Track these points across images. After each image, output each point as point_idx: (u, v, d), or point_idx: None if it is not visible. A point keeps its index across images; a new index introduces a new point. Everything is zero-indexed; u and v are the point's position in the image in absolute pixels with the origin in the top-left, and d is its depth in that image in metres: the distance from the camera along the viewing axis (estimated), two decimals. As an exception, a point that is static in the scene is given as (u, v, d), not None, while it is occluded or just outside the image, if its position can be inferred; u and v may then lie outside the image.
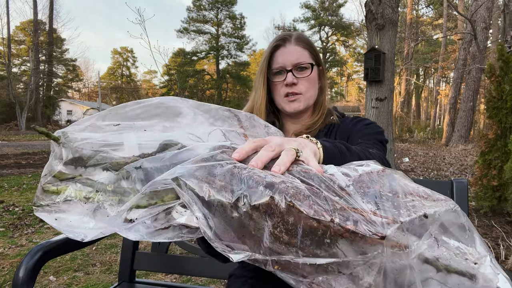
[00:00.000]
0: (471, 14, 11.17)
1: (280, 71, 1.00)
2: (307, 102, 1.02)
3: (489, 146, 3.90)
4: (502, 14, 11.32)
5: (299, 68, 0.99)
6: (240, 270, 1.00)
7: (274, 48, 1.00)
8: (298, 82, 0.99)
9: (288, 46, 1.00)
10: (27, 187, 5.69)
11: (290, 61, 0.98)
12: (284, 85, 1.00)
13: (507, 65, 3.77)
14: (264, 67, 1.02)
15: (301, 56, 0.99)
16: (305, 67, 1.00)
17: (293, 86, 0.99)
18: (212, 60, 52.39)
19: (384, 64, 4.74)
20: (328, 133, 1.04)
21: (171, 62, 43.12)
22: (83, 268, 2.68)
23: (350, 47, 46.75)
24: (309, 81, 1.00)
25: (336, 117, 1.07)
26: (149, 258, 1.40)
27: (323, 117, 1.05)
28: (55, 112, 37.16)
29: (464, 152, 11.44)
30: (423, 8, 29.46)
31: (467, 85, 13.59)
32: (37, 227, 3.66)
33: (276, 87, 1.02)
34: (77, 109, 47.43)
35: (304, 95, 1.01)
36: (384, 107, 4.83)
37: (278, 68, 1.00)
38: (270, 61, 1.01)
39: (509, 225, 3.66)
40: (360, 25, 18.34)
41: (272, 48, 1.00)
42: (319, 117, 1.05)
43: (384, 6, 4.64)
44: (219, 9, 48.96)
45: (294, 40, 1.00)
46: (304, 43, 1.01)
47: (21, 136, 20.98)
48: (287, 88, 1.00)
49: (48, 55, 36.18)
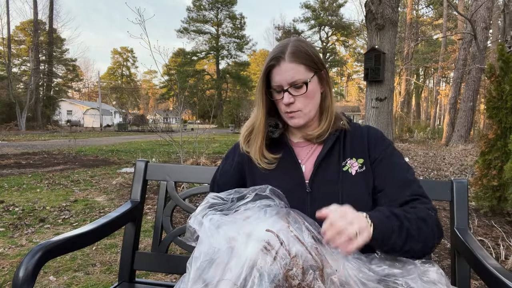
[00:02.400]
0: (471, 14, 11.17)
1: (278, 90, 1.02)
2: (307, 117, 1.04)
3: (489, 146, 3.90)
4: (502, 14, 11.32)
5: (295, 86, 0.99)
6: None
7: (268, 68, 1.01)
8: (296, 100, 1.00)
9: (283, 65, 0.99)
10: (27, 187, 5.69)
11: (285, 80, 0.99)
12: (283, 103, 1.02)
13: (507, 65, 3.77)
14: (261, 85, 1.03)
15: (295, 74, 0.98)
16: (300, 85, 0.99)
17: (291, 105, 1.01)
18: (212, 60, 52.38)
19: (384, 64, 4.74)
20: (340, 137, 1.06)
21: (171, 62, 43.11)
22: (83, 268, 2.68)
23: (350, 47, 46.74)
24: (307, 97, 1.01)
25: (346, 123, 1.08)
26: (149, 258, 1.40)
27: (331, 123, 1.06)
28: (55, 112, 37.13)
29: (464, 152, 11.44)
30: (423, 8, 29.50)
31: (467, 85, 13.59)
32: (37, 227, 3.66)
33: (277, 103, 1.05)
34: (77, 109, 47.40)
35: (303, 111, 1.02)
36: (384, 107, 4.83)
37: (276, 87, 1.01)
38: (268, 79, 1.02)
39: (509, 225, 3.66)
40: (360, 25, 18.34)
41: (267, 68, 1.01)
42: (327, 123, 1.06)
43: (384, 6, 4.64)
44: (219, 9, 48.96)
45: (288, 57, 0.98)
46: (298, 57, 0.99)
47: (21, 136, 20.98)
48: (286, 107, 1.02)
49: (48, 55, 36.16)
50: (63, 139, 17.01)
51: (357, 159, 1.03)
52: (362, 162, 1.02)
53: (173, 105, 43.57)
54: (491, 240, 3.21)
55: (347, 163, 1.02)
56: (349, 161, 1.03)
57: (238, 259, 0.72)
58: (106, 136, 22.70)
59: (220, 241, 0.77)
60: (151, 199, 4.83)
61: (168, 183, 1.47)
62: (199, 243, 0.81)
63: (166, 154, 10.78)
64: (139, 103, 66.71)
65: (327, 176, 1.02)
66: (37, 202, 4.71)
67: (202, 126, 15.41)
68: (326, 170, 1.02)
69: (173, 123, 35.23)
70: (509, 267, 2.62)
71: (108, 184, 6.05)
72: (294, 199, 0.98)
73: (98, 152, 11.58)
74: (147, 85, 71.95)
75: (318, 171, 1.02)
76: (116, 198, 5.02)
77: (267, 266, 0.71)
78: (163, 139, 6.32)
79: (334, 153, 1.04)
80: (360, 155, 1.04)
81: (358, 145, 1.05)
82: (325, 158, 1.03)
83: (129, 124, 34.69)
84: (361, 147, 1.04)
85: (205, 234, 0.80)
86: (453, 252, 1.20)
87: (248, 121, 1.10)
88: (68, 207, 4.47)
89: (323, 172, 1.02)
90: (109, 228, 1.26)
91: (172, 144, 6.30)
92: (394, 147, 1.06)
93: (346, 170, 1.01)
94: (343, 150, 1.04)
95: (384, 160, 1.01)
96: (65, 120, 41.10)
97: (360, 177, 1.01)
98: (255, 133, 1.06)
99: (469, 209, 1.26)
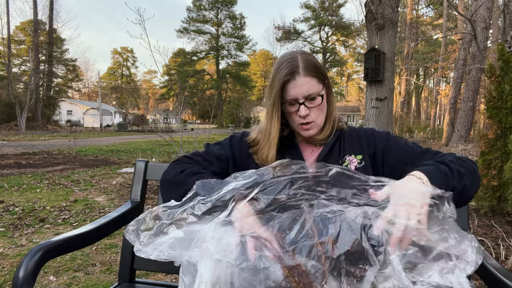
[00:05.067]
0: (471, 14, 11.16)
1: (292, 103, 1.05)
2: (319, 127, 1.09)
3: (489, 146, 3.90)
4: (502, 14, 11.31)
5: (310, 99, 1.04)
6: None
7: (284, 82, 1.02)
8: (310, 112, 1.04)
9: (298, 79, 1.01)
10: (27, 187, 5.69)
11: (302, 94, 1.02)
12: (298, 115, 1.05)
13: (507, 65, 3.77)
14: (276, 100, 1.04)
15: (311, 88, 1.02)
16: (314, 98, 1.04)
17: (306, 116, 1.04)
18: (212, 60, 52.34)
19: (384, 64, 4.74)
20: (340, 137, 1.13)
21: (171, 62, 43.09)
22: (83, 268, 2.68)
23: (350, 47, 46.75)
24: (320, 108, 1.06)
25: (344, 124, 1.16)
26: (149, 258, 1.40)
27: (334, 128, 1.13)
28: (55, 112, 37.10)
29: (464, 152, 11.43)
30: (423, 8, 29.49)
31: (467, 85, 13.58)
32: (37, 227, 3.66)
33: (290, 115, 1.08)
34: (77, 109, 47.41)
35: (316, 122, 1.07)
36: (384, 107, 4.83)
37: (290, 100, 1.04)
38: (282, 93, 1.04)
39: (509, 225, 3.66)
40: (360, 25, 18.34)
41: (283, 82, 1.02)
42: (330, 129, 1.12)
43: (384, 6, 4.64)
44: (219, 9, 48.94)
45: (302, 71, 1.02)
46: (311, 71, 1.03)
47: (21, 136, 20.98)
48: (300, 119, 1.05)
49: (48, 55, 36.14)
50: (63, 139, 17.01)
51: (356, 156, 1.10)
52: (361, 158, 1.09)
53: (173, 105, 43.55)
54: (491, 240, 3.21)
55: (346, 159, 1.10)
56: (348, 158, 1.10)
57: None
58: (106, 136, 22.69)
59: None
60: (151, 199, 4.83)
61: (168, 183, 1.46)
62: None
63: (166, 154, 10.78)
64: (139, 103, 66.75)
65: None
66: (37, 202, 4.71)
67: (202, 126, 15.43)
68: None
69: (173, 123, 35.22)
70: (509, 267, 2.62)
71: (108, 184, 6.05)
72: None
73: (98, 152, 11.58)
74: (147, 85, 71.97)
75: None
76: (116, 198, 5.02)
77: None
78: (163, 139, 6.33)
79: (334, 151, 1.11)
80: (358, 152, 1.11)
81: (356, 143, 1.12)
82: (326, 156, 1.10)
83: (129, 124, 34.68)
84: (359, 145, 1.12)
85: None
86: (453, 252, 1.20)
87: (255, 131, 1.12)
88: (68, 207, 4.47)
89: None
90: (109, 228, 1.26)
91: (172, 144, 6.30)
92: (393, 134, 1.15)
93: (346, 166, 1.08)
94: (343, 148, 1.12)
95: (392, 147, 1.08)
96: (65, 120, 41.11)
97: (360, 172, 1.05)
98: (266, 143, 1.08)
99: (469, 209, 1.26)
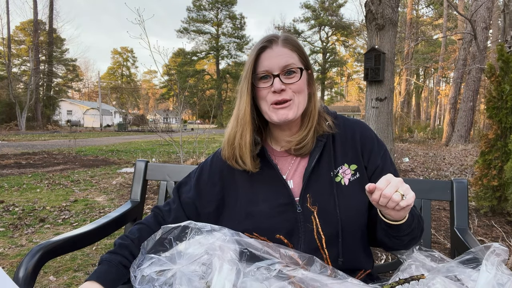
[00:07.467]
0: (471, 14, 11.16)
1: (265, 76, 0.90)
2: (297, 110, 0.91)
3: (489, 146, 3.90)
4: (502, 14, 11.31)
5: (287, 73, 0.90)
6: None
7: (259, 50, 0.90)
8: (286, 88, 0.89)
9: (275, 48, 0.90)
10: (27, 187, 5.69)
11: (278, 64, 0.89)
12: (271, 92, 0.90)
13: (507, 65, 3.77)
14: (249, 72, 0.90)
15: (289, 59, 0.90)
16: (293, 71, 0.90)
17: (282, 92, 0.89)
18: (212, 60, 52.40)
19: (384, 64, 4.74)
20: (328, 144, 0.96)
21: (171, 62, 43.11)
22: (83, 268, 2.68)
23: (350, 47, 46.74)
24: (299, 87, 0.90)
25: (332, 122, 0.98)
26: (149, 258, 1.40)
27: (314, 126, 0.95)
28: (55, 112, 37.12)
29: (464, 152, 11.43)
30: (423, 8, 29.45)
31: (467, 85, 13.58)
32: (37, 227, 3.66)
33: (261, 93, 0.91)
34: (77, 109, 47.43)
35: (294, 101, 0.90)
36: (384, 107, 4.83)
37: (263, 72, 0.90)
38: (255, 65, 0.91)
39: (509, 225, 3.66)
40: (360, 25, 18.33)
41: (258, 50, 0.90)
42: (310, 127, 0.95)
43: (384, 6, 4.64)
44: (219, 9, 48.98)
45: (282, 41, 0.91)
46: (292, 45, 0.92)
47: (21, 136, 20.98)
48: (274, 96, 0.89)
49: (48, 55, 36.15)
50: (63, 139, 17.01)
51: (350, 165, 0.95)
52: (355, 168, 0.95)
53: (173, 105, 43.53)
54: (491, 240, 3.21)
55: (339, 172, 0.94)
56: (341, 169, 0.94)
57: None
58: (106, 136, 22.69)
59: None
60: (151, 199, 4.83)
61: (168, 183, 1.47)
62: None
63: (166, 154, 10.78)
64: (139, 103, 66.73)
65: (319, 190, 0.93)
66: (37, 202, 4.71)
67: (202, 126, 15.42)
68: (316, 183, 0.93)
69: (173, 123, 35.21)
70: (509, 267, 2.62)
71: (108, 184, 6.05)
72: (285, 221, 0.91)
73: (98, 152, 11.57)
74: (147, 85, 71.98)
75: (308, 186, 0.93)
76: (116, 198, 5.01)
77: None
78: (163, 139, 6.32)
79: (323, 164, 0.94)
80: (352, 160, 0.95)
81: (350, 149, 0.96)
82: (314, 170, 0.93)
83: (129, 124, 34.70)
84: (353, 151, 0.96)
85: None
86: (453, 252, 1.20)
87: (232, 116, 0.98)
88: (68, 207, 4.47)
89: (314, 187, 0.93)
90: (109, 228, 1.26)
91: (172, 144, 6.30)
92: (387, 149, 1.02)
93: (339, 182, 0.93)
94: (334, 157, 0.95)
95: (384, 170, 0.95)
96: (65, 120, 41.13)
97: (355, 186, 0.93)
98: (240, 126, 0.94)
99: (469, 209, 1.26)
